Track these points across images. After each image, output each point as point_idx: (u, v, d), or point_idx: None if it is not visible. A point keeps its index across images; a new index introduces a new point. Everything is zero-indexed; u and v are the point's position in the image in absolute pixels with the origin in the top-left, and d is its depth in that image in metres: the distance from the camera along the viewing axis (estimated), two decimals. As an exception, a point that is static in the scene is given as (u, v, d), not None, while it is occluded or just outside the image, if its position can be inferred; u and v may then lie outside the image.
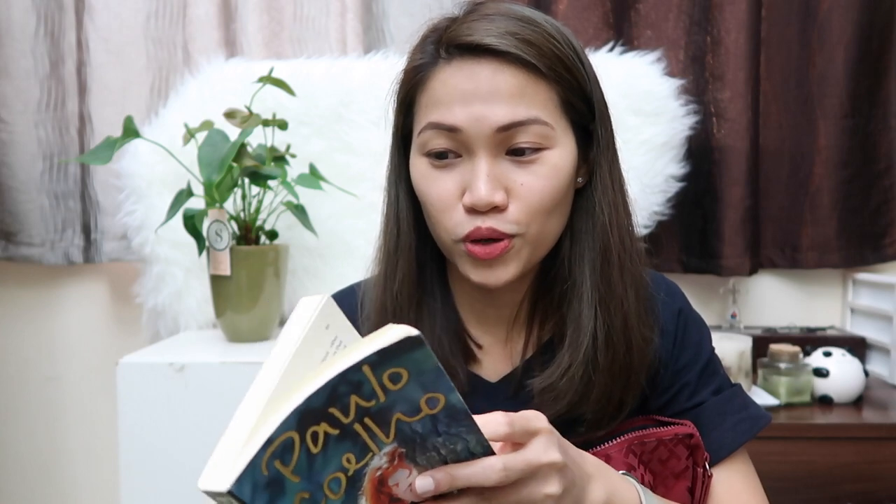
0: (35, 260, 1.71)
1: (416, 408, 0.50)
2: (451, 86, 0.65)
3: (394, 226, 0.73)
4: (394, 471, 0.52)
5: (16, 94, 1.68)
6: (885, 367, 1.58)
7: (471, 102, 0.64)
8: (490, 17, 0.65)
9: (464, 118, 0.64)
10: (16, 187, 1.69)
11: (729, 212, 1.63)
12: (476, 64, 0.64)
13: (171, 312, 1.51)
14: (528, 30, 0.65)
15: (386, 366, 0.48)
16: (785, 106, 1.67)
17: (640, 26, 1.65)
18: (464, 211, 0.66)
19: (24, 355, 1.82)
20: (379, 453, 0.51)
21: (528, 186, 0.65)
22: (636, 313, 0.70)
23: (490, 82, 0.64)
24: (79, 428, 1.83)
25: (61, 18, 1.68)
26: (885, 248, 1.69)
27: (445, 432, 0.51)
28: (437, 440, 0.51)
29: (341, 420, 0.49)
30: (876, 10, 1.62)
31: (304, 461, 0.48)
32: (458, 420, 0.51)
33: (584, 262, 0.70)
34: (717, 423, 0.74)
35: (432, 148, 0.66)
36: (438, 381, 0.49)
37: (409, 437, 0.51)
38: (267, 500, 0.46)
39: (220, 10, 1.67)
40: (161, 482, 1.21)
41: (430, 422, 0.50)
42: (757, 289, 1.76)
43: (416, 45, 0.70)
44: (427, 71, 0.67)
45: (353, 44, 1.65)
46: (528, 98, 0.64)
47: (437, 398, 0.50)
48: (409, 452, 0.52)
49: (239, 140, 1.27)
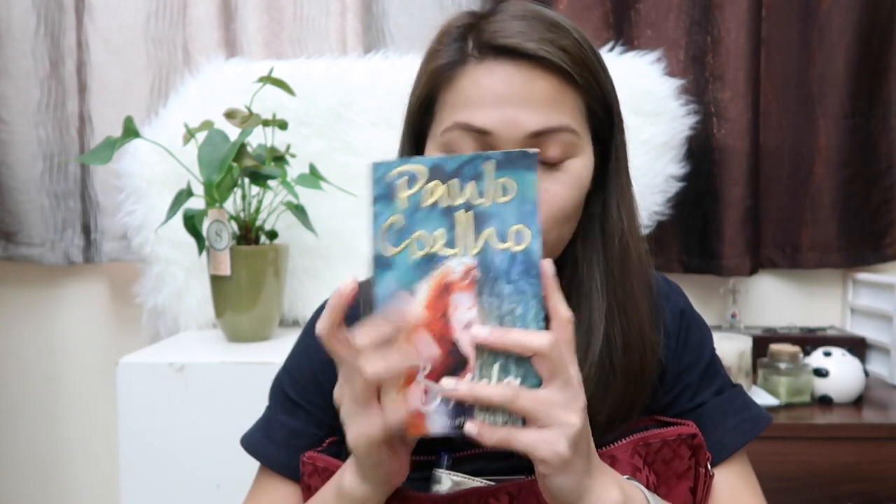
0: (35, 260, 1.71)
1: (505, 234, 0.54)
2: (483, 86, 0.63)
3: None
4: (461, 289, 0.55)
5: (16, 94, 1.68)
6: (885, 367, 1.58)
7: (504, 105, 0.62)
8: (523, 19, 0.64)
9: (495, 121, 0.63)
10: (16, 187, 1.69)
11: (729, 212, 1.63)
12: (512, 67, 0.63)
13: (171, 312, 1.50)
14: (562, 36, 0.64)
15: (503, 172, 0.54)
16: (785, 106, 1.67)
17: (640, 26, 1.65)
18: None
19: (24, 355, 1.82)
20: (460, 257, 0.55)
21: (552, 193, 0.65)
22: (648, 315, 0.70)
23: (525, 87, 0.62)
24: (79, 428, 1.83)
25: (61, 18, 1.68)
26: (885, 248, 1.69)
27: (516, 282, 0.54)
28: (507, 287, 0.54)
29: (455, 196, 0.55)
30: (876, 10, 1.62)
31: (415, 202, 0.56)
32: (530, 272, 0.54)
33: (595, 266, 0.70)
34: (719, 424, 0.74)
35: (457, 149, 0.64)
36: (532, 216, 0.54)
37: (488, 265, 0.54)
38: (384, 195, 0.57)
39: (220, 10, 1.67)
40: (161, 482, 1.21)
41: (509, 260, 0.54)
42: (757, 289, 1.76)
43: (436, 43, 0.68)
44: (455, 69, 0.65)
45: (353, 44, 1.65)
46: (560, 105, 0.64)
47: (524, 234, 0.54)
48: (481, 281, 0.54)
49: (239, 140, 1.26)
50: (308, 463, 0.73)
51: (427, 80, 0.68)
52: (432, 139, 0.68)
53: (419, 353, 0.54)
